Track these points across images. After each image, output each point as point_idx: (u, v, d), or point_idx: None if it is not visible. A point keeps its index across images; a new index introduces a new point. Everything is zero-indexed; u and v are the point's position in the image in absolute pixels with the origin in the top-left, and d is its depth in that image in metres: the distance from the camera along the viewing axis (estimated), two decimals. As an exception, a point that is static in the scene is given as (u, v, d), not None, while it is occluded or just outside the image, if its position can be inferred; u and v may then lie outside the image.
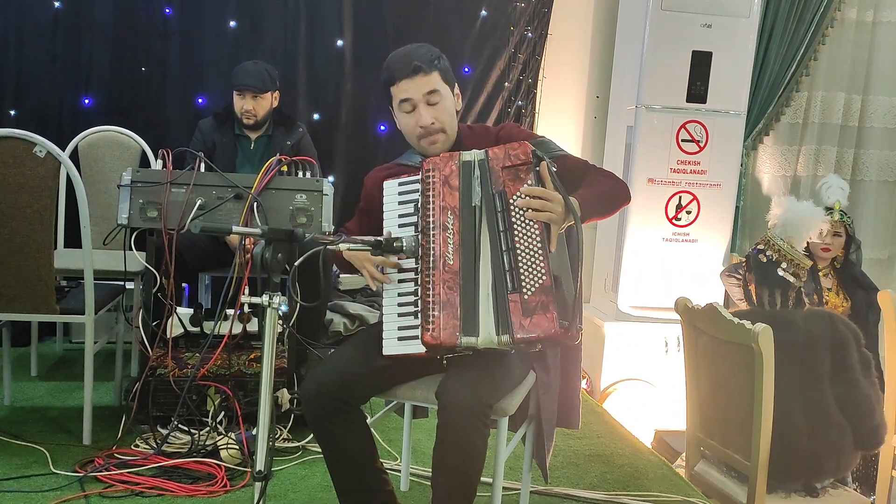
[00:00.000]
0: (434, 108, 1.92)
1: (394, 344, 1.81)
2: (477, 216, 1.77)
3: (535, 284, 1.70)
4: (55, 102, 3.88)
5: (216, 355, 2.68)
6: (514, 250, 1.72)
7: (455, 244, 1.77)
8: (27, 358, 3.40)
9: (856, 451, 2.56)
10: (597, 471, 2.74)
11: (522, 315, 1.69)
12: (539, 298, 1.69)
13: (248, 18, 4.01)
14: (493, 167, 1.78)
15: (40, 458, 2.49)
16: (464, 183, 1.80)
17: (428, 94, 1.91)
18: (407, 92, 1.91)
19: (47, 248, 2.45)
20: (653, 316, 3.95)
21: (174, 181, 2.56)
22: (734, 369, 2.52)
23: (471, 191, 1.79)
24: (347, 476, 1.88)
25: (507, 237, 1.73)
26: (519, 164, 1.76)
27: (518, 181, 1.75)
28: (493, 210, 1.76)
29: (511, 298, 1.70)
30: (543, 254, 1.71)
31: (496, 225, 1.75)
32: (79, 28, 3.86)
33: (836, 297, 3.17)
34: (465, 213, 1.78)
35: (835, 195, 3.13)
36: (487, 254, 1.75)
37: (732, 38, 3.88)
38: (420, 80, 1.90)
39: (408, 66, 1.90)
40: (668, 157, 3.93)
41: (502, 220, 1.75)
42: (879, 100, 4.56)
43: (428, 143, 1.94)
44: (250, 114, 3.22)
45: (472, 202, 1.78)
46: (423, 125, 1.91)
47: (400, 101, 1.93)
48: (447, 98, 1.95)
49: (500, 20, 4.29)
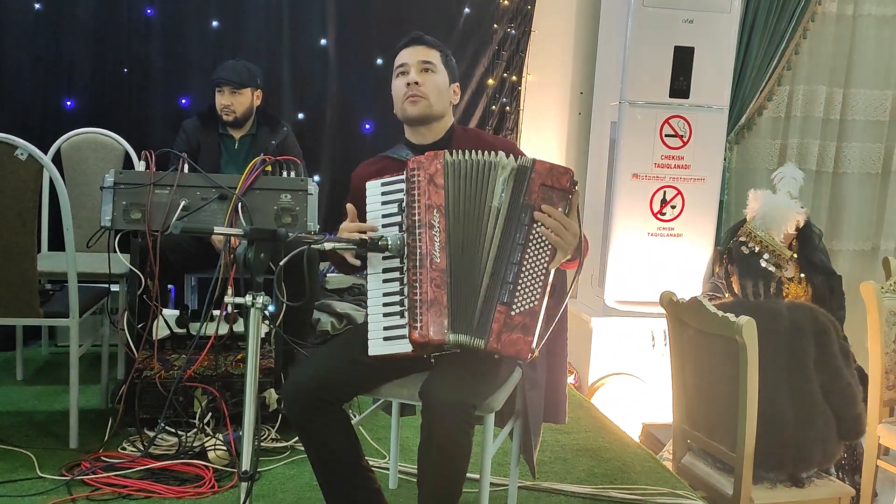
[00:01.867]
0: (424, 75, 1.99)
1: (379, 344, 1.81)
2: (490, 218, 1.77)
3: (526, 306, 1.72)
4: (37, 105, 3.85)
5: (202, 356, 2.67)
6: (520, 266, 1.73)
7: (442, 242, 1.77)
8: (13, 362, 3.38)
9: (840, 440, 2.59)
10: (584, 465, 2.75)
11: (503, 328, 1.71)
12: (524, 320, 1.71)
13: (230, 18, 4.00)
14: (532, 178, 1.76)
15: (27, 463, 2.48)
16: (466, 181, 1.79)
17: (422, 62, 2.00)
18: (402, 58, 2.02)
19: (30, 251, 2.44)
20: (639, 310, 3.97)
21: (157, 182, 2.55)
22: (719, 362, 2.54)
23: (487, 189, 1.78)
24: (332, 475, 1.89)
25: (520, 251, 1.74)
26: (557, 187, 1.75)
27: (549, 203, 1.75)
28: (515, 219, 1.76)
29: (498, 309, 1.72)
30: (544, 281, 1.73)
31: (513, 235, 1.75)
32: (60, 30, 3.83)
33: (797, 287, 3.20)
34: (461, 212, 1.78)
35: (786, 185, 3.16)
36: (492, 258, 1.76)
37: (714, 33, 3.90)
38: (421, 49, 2.02)
39: (413, 38, 2.04)
40: (652, 152, 3.95)
41: (522, 233, 1.75)
42: (861, 93, 4.60)
43: (409, 103, 1.98)
44: (229, 109, 3.21)
45: (486, 201, 1.78)
46: (409, 82, 1.98)
47: (397, 66, 2.02)
48: (440, 74, 2.02)
49: (484, 18, 4.29)
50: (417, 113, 1.99)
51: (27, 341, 3.61)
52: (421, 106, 1.98)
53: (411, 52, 2.01)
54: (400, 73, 2.02)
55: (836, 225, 4.74)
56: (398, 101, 2.02)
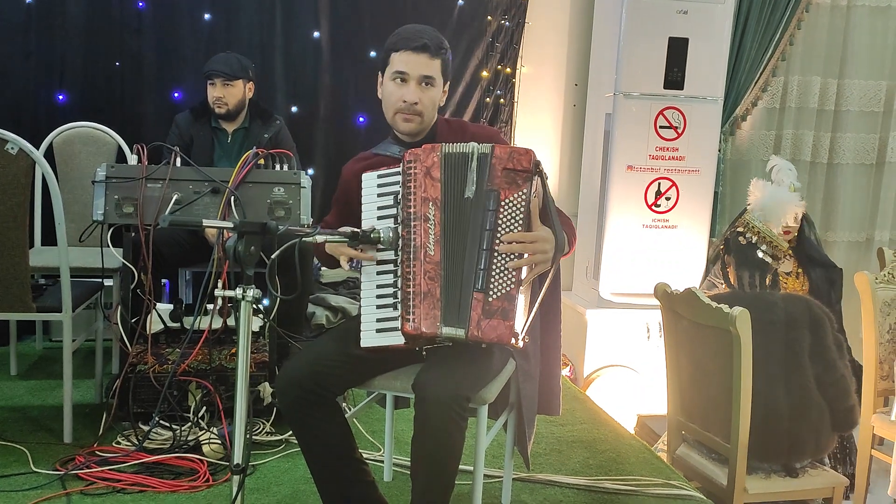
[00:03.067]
0: (423, 92, 1.94)
1: (372, 336, 1.81)
2: (468, 207, 1.77)
3: (502, 290, 1.71)
4: (29, 99, 3.83)
5: (196, 350, 2.67)
6: (491, 251, 1.73)
7: (436, 235, 1.77)
8: (6, 357, 3.37)
9: (833, 431, 2.60)
10: (579, 457, 2.75)
11: (482, 315, 1.71)
12: (502, 304, 1.70)
13: (222, 11, 3.98)
14: (493, 164, 1.76)
15: (21, 457, 2.47)
16: (452, 174, 1.79)
17: (423, 77, 1.93)
18: (406, 65, 1.92)
19: (22, 245, 2.43)
20: (634, 302, 3.98)
21: (150, 176, 2.54)
22: (713, 353, 2.55)
23: (465, 182, 1.78)
24: (325, 467, 1.88)
25: (489, 237, 1.73)
26: (520, 169, 1.74)
27: (514, 186, 1.74)
28: (482, 207, 1.75)
29: (475, 297, 1.72)
30: (515, 259, 1.72)
31: (483, 222, 1.74)
32: (52, 24, 3.81)
33: (794, 281, 3.20)
34: (452, 204, 1.78)
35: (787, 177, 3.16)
36: (469, 246, 1.75)
37: (708, 24, 3.89)
38: (423, 60, 1.92)
39: (418, 40, 1.91)
40: (647, 143, 3.94)
41: (490, 219, 1.74)
42: (855, 83, 4.60)
43: (402, 120, 1.96)
44: (221, 101, 3.20)
45: (464, 193, 1.78)
46: (407, 100, 1.92)
47: (395, 71, 1.93)
48: (437, 89, 1.97)
49: (478, 10, 4.28)
50: (409, 130, 1.97)
51: (21, 336, 3.61)
52: (414, 123, 1.96)
53: (415, 60, 1.91)
54: (398, 79, 1.93)
55: (830, 216, 4.75)
56: (390, 109, 1.97)
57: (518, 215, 1.73)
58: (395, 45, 1.94)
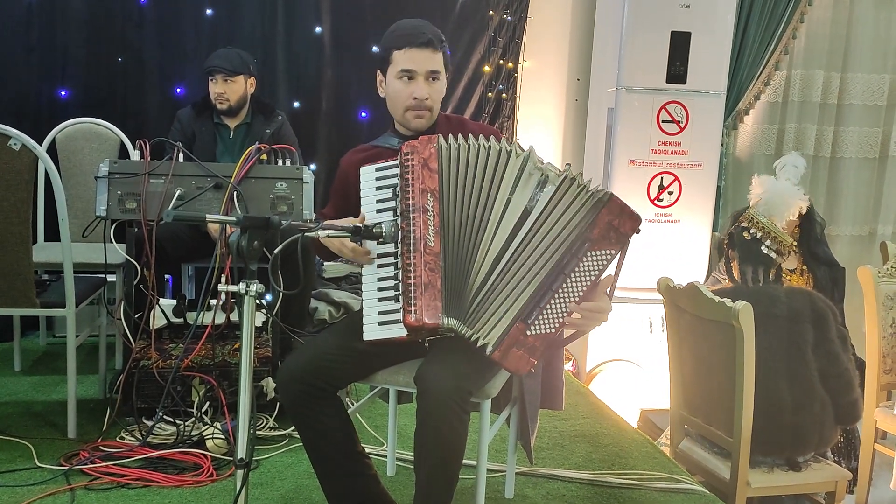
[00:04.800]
0: (431, 86, 1.93)
1: (374, 329, 1.81)
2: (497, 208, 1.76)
3: (542, 330, 1.73)
4: (32, 95, 3.83)
5: (200, 345, 2.67)
6: (556, 293, 1.73)
7: (435, 226, 1.77)
8: (10, 353, 3.38)
9: (836, 425, 2.60)
10: (582, 451, 2.76)
11: (514, 344, 1.72)
12: (535, 342, 1.72)
13: (224, 6, 3.98)
14: (601, 213, 1.75)
15: (25, 453, 2.48)
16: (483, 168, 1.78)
17: (430, 72, 1.93)
18: (413, 62, 1.90)
19: (25, 241, 2.43)
20: (637, 297, 3.97)
21: (152, 172, 2.55)
22: (716, 347, 2.55)
23: (495, 179, 1.77)
24: (327, 461, 1.89)
25: (562, 280, 1.74)
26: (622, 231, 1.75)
27: (606, 243, 1.75)
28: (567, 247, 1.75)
29: (517, 325, 1.73)
30: (568, 313, 1.73)
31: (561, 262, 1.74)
32: (53, 19, 3.81)
33: (798, 279, 3.19)
34: (465, 197, 1.77)
35: (786, 173, 3.14)
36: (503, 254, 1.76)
37: (711, 18, 3.88)
38: (429, 55, 1.91)
39: (421, 36, 1.90)
40: (649, 138, 3.94)
41: (571, 263, 1.74)
42: (858, 77, 4.58)
43: (413, 117, 1.95)
44: (223, 97, 3.20)
45: (494, 191, 1.77)
46: (417, 96, 1.92)
47: (401, 69, 1.92)
48: (443, 82, 1.98)
49: (480, 4, 4.27)
50: (421, 126, 1.97)
51: (25, 332, 3.62)
52: (425, 119, 1.96)
53: (420, 56, 1.90)
54: (405, 77, 1.92)
55: (833, 210, 4.74)
56: (399, 107, 1.96)
57: (594, 273, 1.75)
58: (395, 42, 1.93)
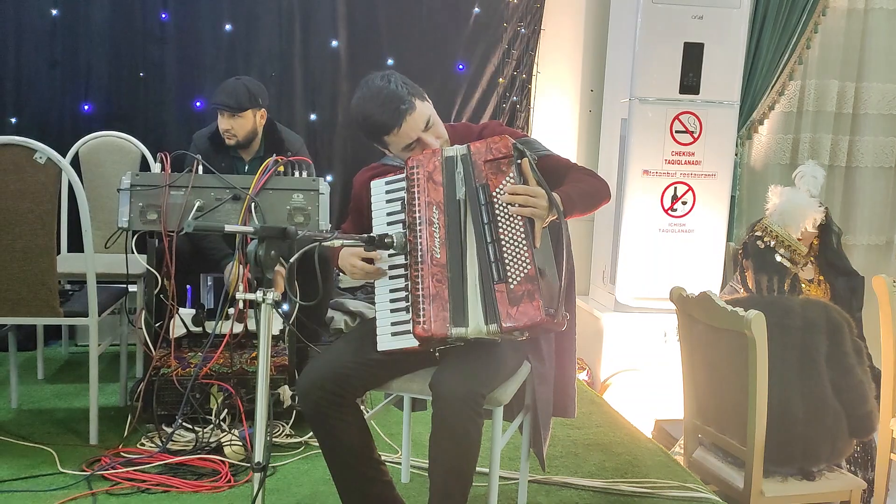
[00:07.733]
0: (433, 130, 1.93)
1: (388, 339, 1.85)
2: (462, 210, 1.81)
3: (521, 274, 1.74)
4: (55, 109, 3.92)
5: (218, 354, 2.72)
6: (498, 241, 1.76)
7: (441, 238, 1.81)
8: (33, 362, 3.45)
9: (850, 437, 2.59)
10: (595, 459, 2.77)
11: (509, 304, 1.73)
12: (525, 287, 1.73)
13: (243, 21, 4.05)
14: (475, 161, 1.82)
15: (48, 459, 2.53)
16: (447, 178, 1.84)
17: (426, 126, 1.91)
18: (409, 136, 1.89)
19: (50, 252, 2.50)
20: (651, 306, 3.98)
21: (173, 184, 2.60)
22: (728, 356, 2.55)
23: (454, 185, 1.83)
24: (345, 467, 1.92)
25: (492, 229, 1.77)
26: (500, 157, 1.80)
27: (500, 174, 1.79)
28: (476, 203, 1.80)
29: (497, 288, 1.74)
30: (527, 244, 1.75)
31: (480, 217, 1.79)
32: (77, 34, 3.90)
33: (816, 289, 3.18)
34: (449, 208, 1.82)
35: (806, 184, 3.14)
36: (473, 246, 1.79)
37: (724, 28, 3.90)
38: (414, 118, 1.87)
39: (395, 111, 1.85)
40: (663, 148, 3.95)
41: (486, 212, 1.78)
42: (873, 86, 4.57)
43: None
44: (230, 133, 3.14)
45: (456, 196, 1.82)
46: (432, 150, 1.89)
47: (405, 146, 1.91)
48: (434, 112, 1.95)
49: (493, 17, 4.32)
50: None
51: (48, 341, 3.68)
52: None
53: (409, 126, 1.87)
54: (411, 148, 1.91)
55: (849, 219, 4.72)
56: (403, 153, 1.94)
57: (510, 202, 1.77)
58: (380, 129, 1.89)
